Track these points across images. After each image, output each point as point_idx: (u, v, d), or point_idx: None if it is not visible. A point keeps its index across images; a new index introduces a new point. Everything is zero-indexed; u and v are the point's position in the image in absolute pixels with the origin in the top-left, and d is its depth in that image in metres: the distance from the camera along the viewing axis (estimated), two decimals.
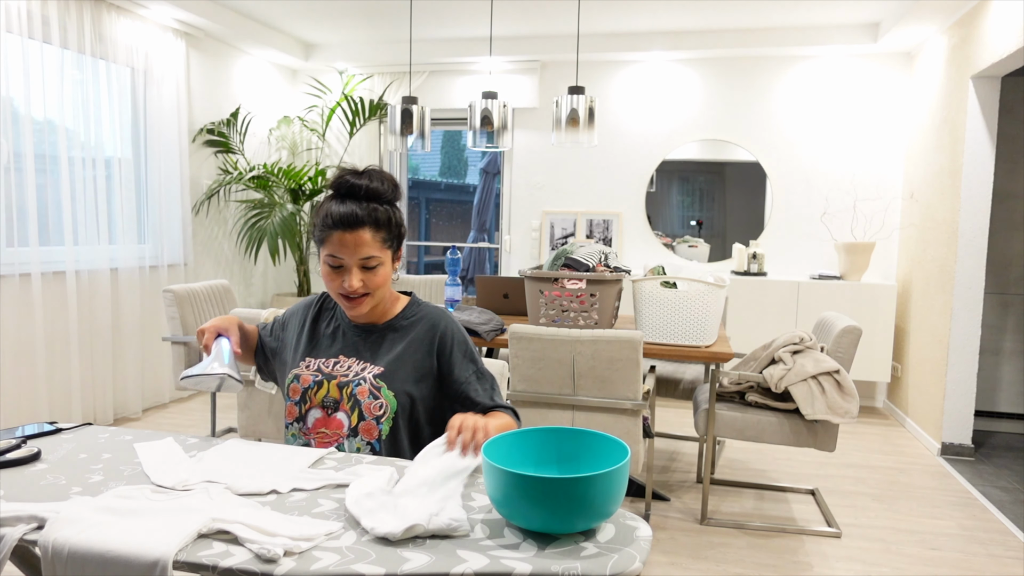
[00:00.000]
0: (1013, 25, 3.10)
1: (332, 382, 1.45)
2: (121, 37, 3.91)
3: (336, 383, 1.45)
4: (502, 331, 2.96)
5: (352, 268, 1.39)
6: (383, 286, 1.45)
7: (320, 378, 1.46)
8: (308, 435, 1.45)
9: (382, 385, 1.44)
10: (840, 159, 4.75)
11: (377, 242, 1.40)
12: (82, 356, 3.73)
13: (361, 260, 1.39)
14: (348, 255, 1.38)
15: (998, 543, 2.67)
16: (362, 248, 1.38)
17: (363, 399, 1.43)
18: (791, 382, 2.58)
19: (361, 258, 1.39)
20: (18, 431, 1.41)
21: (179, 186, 4.33)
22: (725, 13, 4.28)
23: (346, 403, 1.43)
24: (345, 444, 1.42)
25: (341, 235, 1.37)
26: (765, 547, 2.59)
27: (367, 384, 1.44)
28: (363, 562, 0.91)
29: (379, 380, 1.44)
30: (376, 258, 1.40)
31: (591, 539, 0.98)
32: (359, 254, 1.38)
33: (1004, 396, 4.26)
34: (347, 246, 1.38)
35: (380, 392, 1.43)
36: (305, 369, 1.49)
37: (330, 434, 1.44)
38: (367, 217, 1.38)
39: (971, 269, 3.61)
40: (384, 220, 1.41)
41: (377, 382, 1.44)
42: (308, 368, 1.48)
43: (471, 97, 5.25)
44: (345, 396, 1.44)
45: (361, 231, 1.37)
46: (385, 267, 1.43)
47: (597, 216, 5.13)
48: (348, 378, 1.45)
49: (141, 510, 1.02)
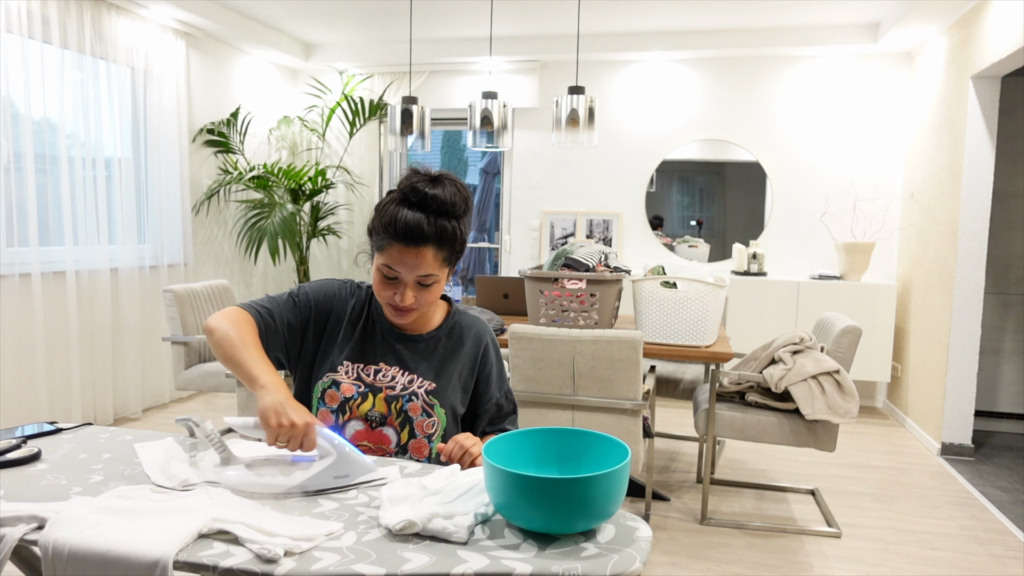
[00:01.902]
0: (1013, 25, 3.10)
1: (379, 395, 1.36)
2: (121, 37, 3.91)
3: (383, 396, 1.36)
4: (502, 331, 2.96)
5: (408, 284, 1.30)
6: (434, 302, 1.37)
7: (363, 389, 1.36)
8: None
9: (435, 402, 1.37)
10: (840, 159, 4.75)
11: (438, 261, 1.30)
12: (82, 356, 3.73)
13: (419, 277, 1.30)
14: (406, 271, 1.29)
15: (998, 543, 2.67)
16: (422, 267, 1.29)
17: (415, 416, 1.36)
18: (791, 382, 2.58)
19: (419, 275, 1.30)
20: (18, 431, 1.40)
21: (179, 186, 4.33)
22: (725, 13, 4.28)
23: (395, 418, 1.36)
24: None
25: (403, 249, 1.27)
26: (765, 547, 2.59)
27: (419, 400, 1.36)
28: (363, 562, 0.91)
29: (432, 397, 1.37)
30: (434, 276, 1.31)
31: (591, 539, 0.98)
32: (418, 271, 1.29)
33: (1004, 396, 4.26)
34: (407, 263, 1.28)
35: (433, 410, 1.37)
36: (345, 376, 1.37)
37: (373, 448, 1.36)
38: (433, 235, 1.27)
39: (971, 269, 3.61)
40: (450, 238, 1.30)
41: (430, 399, 1.37)
42: (348, 376, 1.37)
43: (471, 97, 5.25)
44: (394, 411, 1.36)
45: (425, 248, 1.27)
46: (440, 283, 1.35)
47: (597, 216, 5.13)
48: (396, 391, 1.36)
49: (141, 510, 1.02)
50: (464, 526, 0.98)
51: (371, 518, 1.04)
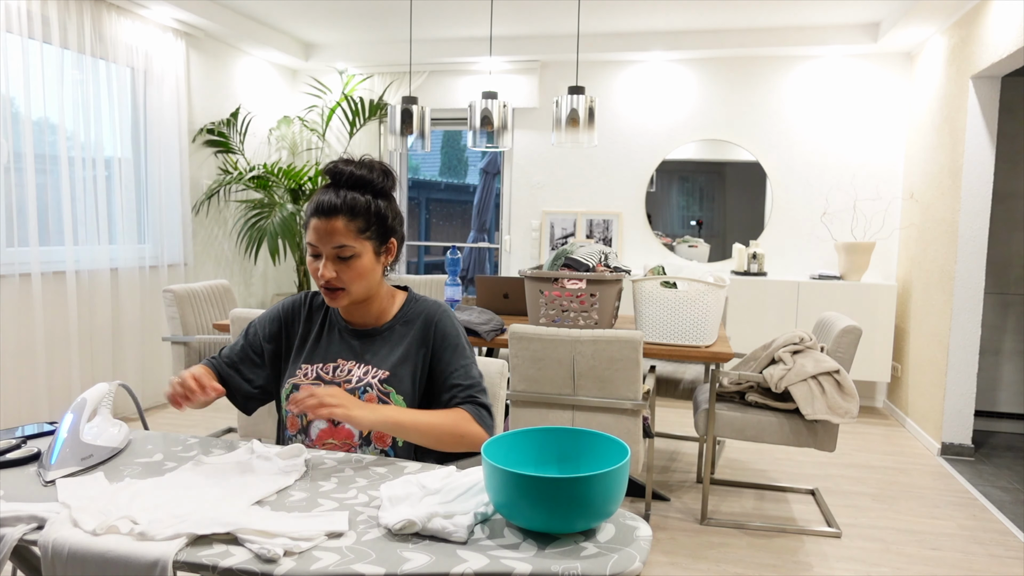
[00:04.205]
0: (1013, 25, 3.10)
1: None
2: (121, 37, 3.91)
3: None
4: (502, 331, 2.96)
5: (328, 256, 1.36)
6: (360, 281, 1.38)
7: (322, 387, 1.40)
8: (313, 446, 1.40)
9: (390, 390, 1.39)
10: (840, 159, 4.76)
11: (351, 231, 1.34)
12: (82, 356, 3.73)
13: (334, 249, 1.35)
14: (322, 243, 1.35)
15: (998, 543, 2.67)
16: (335, 236, 1.34)
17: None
18: (791, 382, 2.58)
19: (334, 247, 1.34)
20: (18, 431, 1.41)
21: (179, 186, 4.33)
22: (725, 13, 4.28)
23: None
24: (357, 453, 1.36)
25: (318, 222, 1.34)
26: (765, 547, 2.59)
27: (374, 391, 1.39)
28: (363, 562, 0.91)
29: (386, 385, 1.40)
30: (350, 248, 1.35)
31: (591, 539, 0.98)
32: (331, 242, 1.34)
33: (1004, 396, 4.26)
34: (320, 234, 1.34)
35: (389, 397, 1.39)
36: (303, 377, 1.42)
37: (339, 444, 1.39)
38: (342, 205, 1.34)
39: (971, 269, 3.61)
40: (362, 209, 1.35)
41: (384, 387, 1.39)
42: (306, 376, 1.42)
43: (471, 97, 5.25)
44: None
45: (335, 219, 1.33)
46: (363, 260, 1.37)
47: (597, 216, 5.13)
48: (352, 384, 1.40)
49: (141, 510, 1.02)
50: (464, 525, 0.98)
51: (371, 518, 1.05)
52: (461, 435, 1.35)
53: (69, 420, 1.23)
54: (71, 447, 1.20)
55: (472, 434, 1.37)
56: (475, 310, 3.06)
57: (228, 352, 1.51)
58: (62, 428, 1.22)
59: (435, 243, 8.28)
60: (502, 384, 1.70)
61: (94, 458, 1.23)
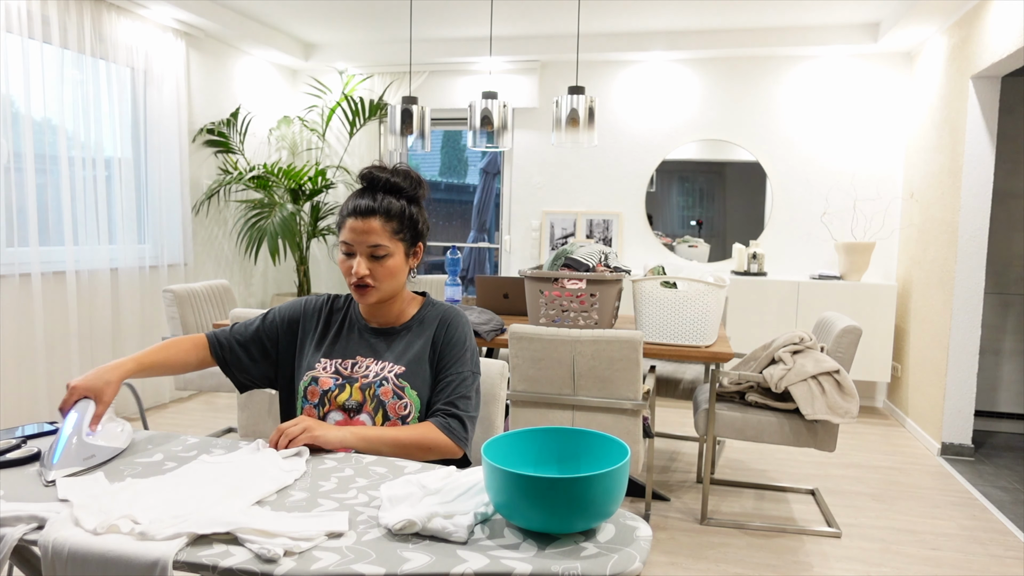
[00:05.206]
0: (1013, 25, 3.10)
1: (355, 385, 1.45)
2: (121, 37, 3.91)
3: (358, 385, 1.45)
4: (502, 331, 2.96)
5: (362, 255, 1.44)
6: (390, 279, 1.46)
7: (341, 381, 1.46)
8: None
9: (405, 384, 1.45)
10: (840, 159, 4.75)
11: (387, 232, 1.43)
12: (82, 356, 3.73)
13: (369, 248, 1.43)
14: (357, 242, 1.43)
15: (998, 543, 2.67)
16: (371, 236, 1.42)
17: (387, 399, 1.43)
18: (791, 382, 2.58)
19: (369, 246, 1.43)
20: (18, 431, 1.40)
21: (179, 186, 4.33)
22: (725, 13, 4.28)
23: (369, 405, 1.44)
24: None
25: (353, 222, 1.43)
26: (765, 547, 2.59)
27: (390, 384, 1.45)
28: (363, 562, 0.91)
29: (402, 379, 1.46)
30: (384, 247, 1.43)
31: (591, 539, 0.98)
32: (367, 241, 1.43)
33: (1004, 396, 4.26)
34: (357, 232, 1.43)
35: (404, 392, 1.45)
36: (323, 371, 1.48)
37: None
38: (379, 207, 1.43)
39: (971, 269, 3.61)
40: (397, 212, 1.45)
41: (400, 381, 1.45)
42: (326, 370, 1.48)
43: (471, 97, 5.25)
44: (368, 398, 1.44)
45: (371, 219, 1.42)
46: (394, 259, 1.45)
47: (597, 216, 5.13)
48: (369, 379, 1.46)
49: (141, 510, 1.02)
50: (464, 526, 0.98)
51: (371, 518, 1.05)
52: (428, 447, 1.41)
53: (73, 419, 1.23)
54: (74, 447, 1.20)
55: (440, 444, 1.41)
56: (475, 310, 3.06)
57: (241, 329, 1.56)
58: (65, 427, 1.22)
59: (435, 243, 8.27)
60: (502, 384, 1.70)
61: (96, 458, 1.23)
